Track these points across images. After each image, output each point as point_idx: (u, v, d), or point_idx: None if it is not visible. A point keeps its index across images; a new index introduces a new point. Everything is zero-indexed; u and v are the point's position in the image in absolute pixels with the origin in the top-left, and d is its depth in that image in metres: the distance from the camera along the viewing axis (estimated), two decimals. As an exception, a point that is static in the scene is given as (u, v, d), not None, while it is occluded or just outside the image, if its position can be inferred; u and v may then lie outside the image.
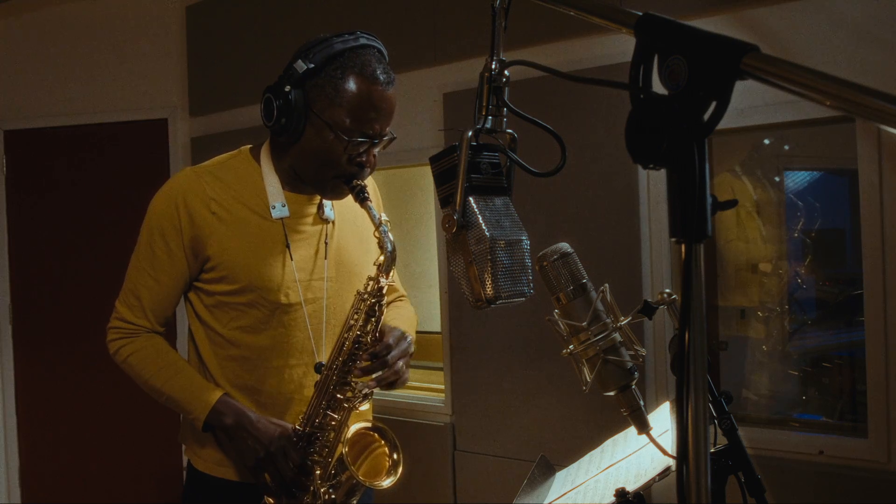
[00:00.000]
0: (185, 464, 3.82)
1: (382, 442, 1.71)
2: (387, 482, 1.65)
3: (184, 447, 1.83)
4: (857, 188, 2.31)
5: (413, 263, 3.84)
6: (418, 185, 3.84)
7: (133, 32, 4.15)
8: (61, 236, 4.19)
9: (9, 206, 4.24)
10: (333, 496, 1.63)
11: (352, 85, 1.57)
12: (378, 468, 1.69)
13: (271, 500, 1.64)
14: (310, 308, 1.70)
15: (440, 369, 3.28)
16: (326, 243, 1.73)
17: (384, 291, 1.64)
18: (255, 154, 1.73)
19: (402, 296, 2.00)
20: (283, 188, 1.69)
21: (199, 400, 1.64)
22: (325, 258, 1.72)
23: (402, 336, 1.69)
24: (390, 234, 1.63)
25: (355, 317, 1.65)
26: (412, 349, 1.75)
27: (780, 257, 2.88)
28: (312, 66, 1.57)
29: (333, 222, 1.75)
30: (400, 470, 1.68)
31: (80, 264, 4.15)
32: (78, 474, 4.13)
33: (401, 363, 1.66)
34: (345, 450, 1.61)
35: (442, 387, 3.24)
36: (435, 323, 3.34)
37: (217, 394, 1.65)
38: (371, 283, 1.64)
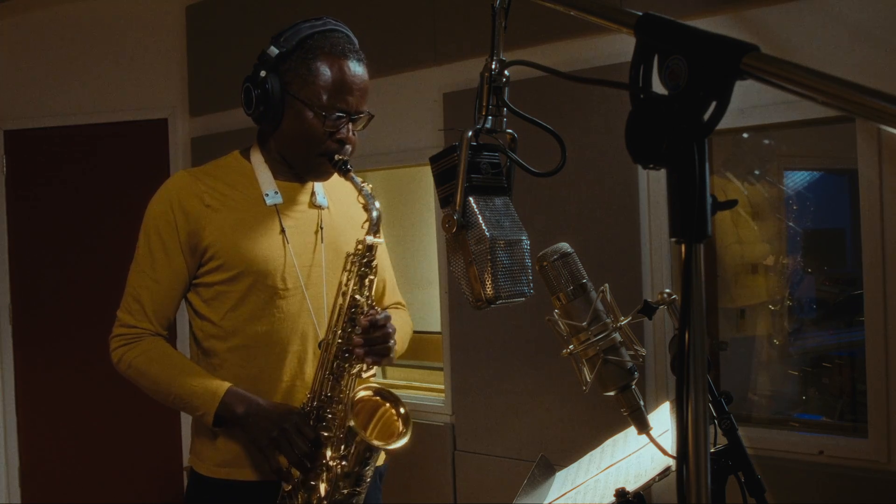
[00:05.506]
0: (184, 464, 3.81)
1: (387, 404, 1.70)
2: (400, 442, 1.63)
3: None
4: (857, 188, 2.31)
5: (413, 263, 3.84)
6: (418, 185, 3.84)
7: (133, 32, 4.15)
8: (61, 236, 4.19)
9: (9, 206, 4.23)
10: (346, 468, 1.62)
11: (324, 63, 1.64)
12: (390, 431, 1.68)
13: (287, 487, 1.63)
14: (310, 293, 1.72)
15: (440, 369, 3.28)
16: (322, 228, 1.75)
17: (374, 251, 1.66)
18: (245, 154, 1.77)
19: (401, 303, 1.99)
20: (275, 178, 1.73)
21: (208, 394, 1.64)
22: (322, 242, 1.74)
23: (389, 317, 1.69)
24: (375, 201, 1.66)
25: (347, 280, 1.66)
26: (394, 343, 1.73)
27: (777, 256, 2.88)
28: (285, 49, 1.65)
29: (327, 209, 1.78)
30: (410, 426, 1.66)
31: (80, 264, 4.15)
32: (78, 474, 4.13)
33: (392, 342, 1.67)
34: (351, 422, 1.60)
35: (442, 387, 3.24)
36: (435, 323, 3.34)
37: (224, 386, 1.65)
38: (360, 244, 1.66)
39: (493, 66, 1.01)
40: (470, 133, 0.99)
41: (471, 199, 0.98)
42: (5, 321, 4.19)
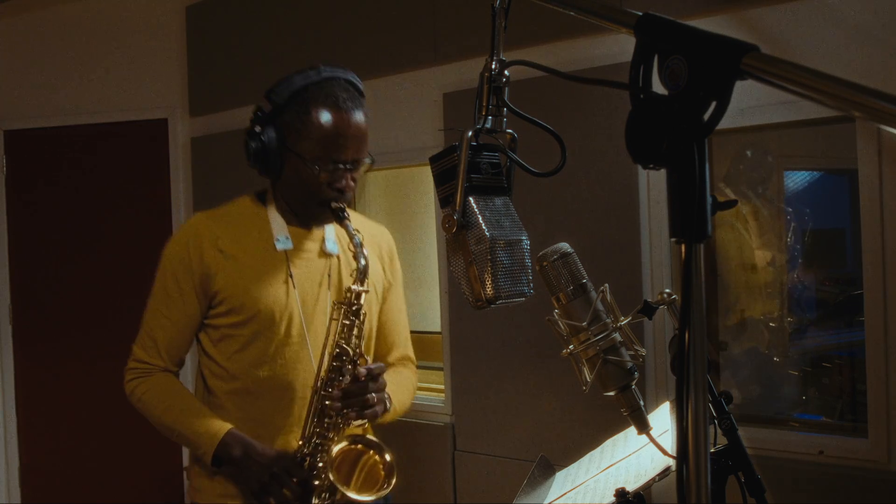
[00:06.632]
0: (184, 464, 3.80)
1: (371, 451, 1.72)
2: (382, 492, 1.66)
3: (186, 484, 1.85)
4: (857, 188, 2.31)
5: (413, 263, 3.84)
6: (418, 185, 3.84)
7: (133, 32, 4.15)
8: (61, 236, 4.18)
9: (9, 206, 4.23)
10: None
11: (317, 116, 1.65)
12: (375, 478, 1.70)
13: None
14: (312, 340, 1.74)
15: (440, 369, 3.28)
16: (329, 276, 1.78)
17: (360, 299, 1.69)
18: (261, 198, 1.81)
19: (409, 358, 1.98)
20: (288, 224, 1.76)
21: (208, 435, 1.67)
22: (329, 290, 1.77)
23: (383, 369, 1.72)
24: (364, 249, 1.69)
25: (334, 326, 1.69)
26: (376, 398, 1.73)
27: (777, 258, 2.88)
28: (278, 103, 1.67)
29: (337, 257, 1.80)
30: (394, 475, 1.68)
31: (80, 264, 4.14)
32: (78, 474, 4.13)
33: (372, 396, 1.68)
34: (332, 475, 1.62)
35: (442, 387, 3.24)
36: (435, 323, 3.34)
37: (225, 428, 1.68)
38: (347, 292, 1.70)
39: (493, 66, 1.01)
40: (470, 133, 0.99)
41: (471, 199, 0.98)
42: (5, 321, 4.19)
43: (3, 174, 4.24)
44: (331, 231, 1.80)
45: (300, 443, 1.68)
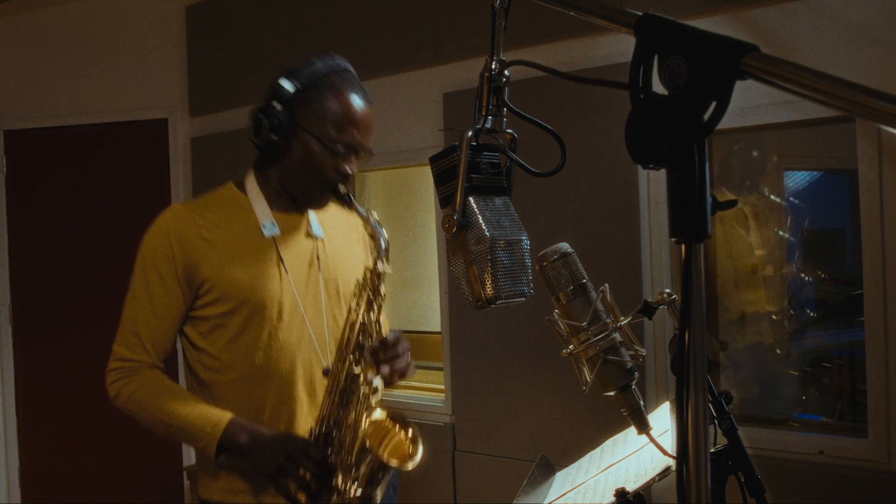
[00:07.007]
0: (184, 464, 3.79)
1: (396, 427, 1.70)
2: (413, 462, 1.64)
3: (186, 484, 1.83)
4: (857, 188, 2.31)
5: (413, 263, 3.84)
6: (418, 185, 3.84)
7: (133, 32, 4.15)
8: (61, 236, 4.19)
9: (9, 206, 4.23)
10: (359, 491, 1.61)
11: (336, 100, 1.69)
12: (399, 453, 1.68)
13: None
14: (310, 323, 1.73)
15: (440, 369, 3.28)
16: (318, 258, 1.78)
17: (382, 278, 1.69)
18: (240, 185, 1.79)
19: None
20: (272, 209, 1.75)
21: (210, 425, 1.64)
22: (319, 272, 1.77)
23: (402, 336, 1.73)
24: (383, 229, 1.71)
25: (356, 306, 1.68)
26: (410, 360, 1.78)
27: (777, 259, 2.88)
28: (298, 84, 1.69)
29: (322, 239, 1.81)
30: (420, 445, 1.67)
31: (80, 264, 4.15)
32: (78, 474, 4.13)
33: (408, 358, 1.72)
34: (367, 442, 1.60)
35: (442, 387, 3.24)
36: (435, 323, 3.34)
37: (227, 416, 1.64)
38: (368, 271, 1.69)
39: (493, 66, 1.01)
40: (470, 133, 0.99)
41: (471, 199, 0.98)
42: (5, 321, 4.19)
43: (3, 174, 4.24)
44: (314, 215, 1.81)
45: (316, 422, 1.65)
